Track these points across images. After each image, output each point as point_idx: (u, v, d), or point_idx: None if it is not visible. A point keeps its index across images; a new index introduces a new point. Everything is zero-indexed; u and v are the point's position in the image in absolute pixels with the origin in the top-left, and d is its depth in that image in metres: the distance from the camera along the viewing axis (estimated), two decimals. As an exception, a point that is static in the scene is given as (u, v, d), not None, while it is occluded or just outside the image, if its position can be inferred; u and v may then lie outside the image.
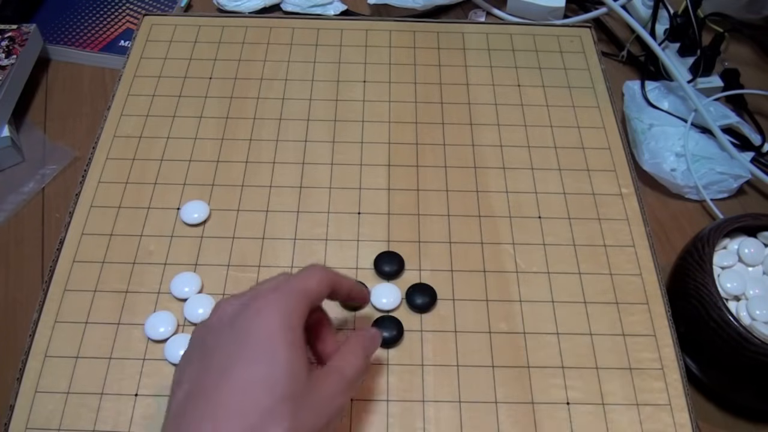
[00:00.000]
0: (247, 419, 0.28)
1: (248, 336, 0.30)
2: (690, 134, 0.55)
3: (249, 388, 0.29)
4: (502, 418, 0.38)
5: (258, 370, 0.29)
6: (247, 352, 0.30)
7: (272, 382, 0.29)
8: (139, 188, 0.48)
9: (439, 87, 0.55)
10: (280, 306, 0.31)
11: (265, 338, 0.30)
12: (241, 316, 0.31)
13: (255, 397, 0.29)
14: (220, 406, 0.28)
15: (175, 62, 0.56)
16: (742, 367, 0.39)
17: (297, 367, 0.30)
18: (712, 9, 0.64)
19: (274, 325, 0.30)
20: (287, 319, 0.31)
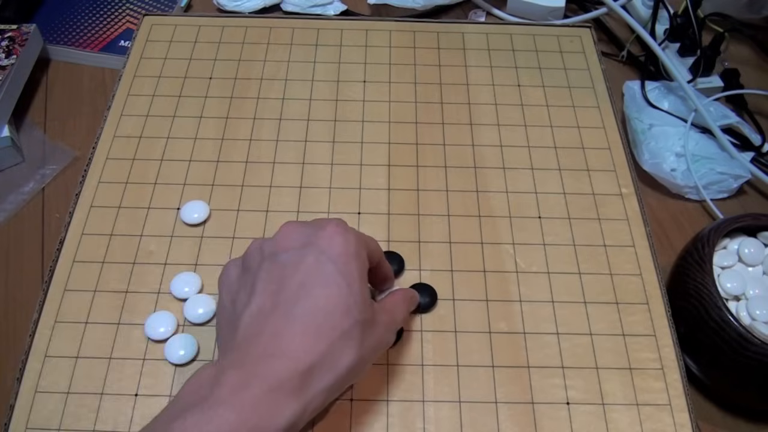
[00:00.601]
0: (325, 338, 0.30)
1: (323, 258, 0.31)
2: (690, 134, 0.55)
3: (328, 308, 0.30)
4: (502, 418, 0.38)
5: (336, 293, 0.31)
6: (325, 274, 0.31)
7: (349, 305, 0.31)
8: (139, 188, 0.48)
9: (439, 87, 0.55)
10: (349, 237, 0.32)
11: (342, 263, 0.31)
12: (314, 238, 0.32)
13: (333, 318, 0.30)
14: (300, 323, 0.30)
15: (175, 62, 0.56)
16: (742, 367, 0.39)
17: (367, 296, 0.32)
18: (712, 9, 0.64)
19: (350, 252, 0.32)
20: (358, 249, 0.32)
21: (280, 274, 0.31)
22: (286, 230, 0.34)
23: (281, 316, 0.30)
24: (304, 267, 0.31)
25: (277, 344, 0.29)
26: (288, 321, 0.30)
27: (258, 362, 0.29)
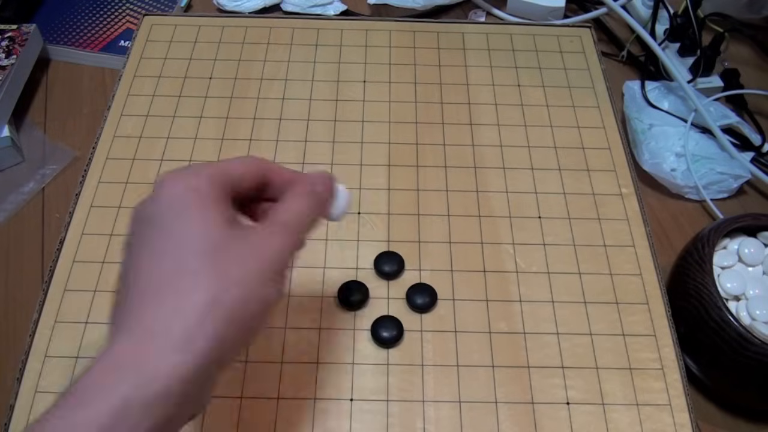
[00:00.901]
0: (171, 297, 0.25)
1: (154, 214, 0.27)
2: (690, 134, 0.55)
3: (161, 262, 0.26)
4: (502, 418, 0.38)
5: (166, 240, 0.27)
6: (155, 228, 0.27)
7: (182, 243, 0.26)
8: (139, 188, 0.48)
9: (439, 87, 0.55)
10: (185, 178, 0.28)
11: (167, 206, 0.27)
12: (148, 200, 0.28)
13: (167, 268, 0.26)
14: (148, 294, 0.26)
15: (175, 62, 0.56)
16: (742, 367, 0.39)
17: (211, 221, 0.27)
18: (712, 9, 0.64)
19: (178, 190, 0.28)
20: (194, 185, 0.28)
21: (127, 253, 0.28)
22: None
23: (136, 293, 0.26)
24: (140, 233, 0.28)
25: (138, 322, 0.26)
26: (138, 297, 0.26)
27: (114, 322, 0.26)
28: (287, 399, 0.39)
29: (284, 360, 0.40)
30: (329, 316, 0.42)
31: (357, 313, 0.42)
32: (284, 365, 0.40)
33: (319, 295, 0.43)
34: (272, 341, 0.41)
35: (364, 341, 0.41)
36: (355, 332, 0.41)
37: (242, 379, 0.39)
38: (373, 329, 0.41)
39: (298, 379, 0.39)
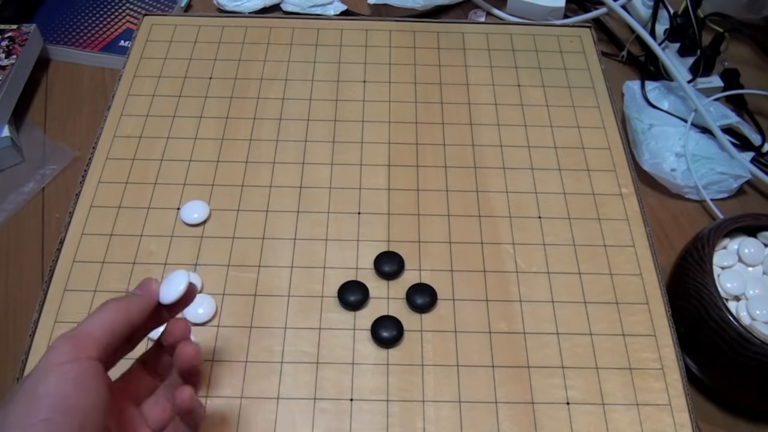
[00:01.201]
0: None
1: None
2: (690, 134, 0.55)
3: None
4: (502, 418, 0.38)
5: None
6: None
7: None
8: (139, 188, 0.48)
9: (439, 87, 0.55)
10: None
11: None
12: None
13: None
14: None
15: (175, 62, 0.56)
16: (742, 367, 0.39)
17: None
18: (712, 9, 0.64)
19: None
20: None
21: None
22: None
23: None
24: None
25: None
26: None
27: None
28: (287, 399, 0.39)
29: (284, 360, 0.40)
30: (329, 316, 0.42)
31: (357, 313, 0.42)
32: (284, 365, 0.40)
33: (319, 295, 0.43)
34: (272, 341, 0.41)
35: (364, 341, 0.41)
36: (355, 332, 0.41)
37: (242, 379, 0.39)
38: (373, 329, 0.41)
39: (298, 379, 0.39)
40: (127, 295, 0.32)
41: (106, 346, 0.30)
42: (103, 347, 0.29)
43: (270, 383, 0.39)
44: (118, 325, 0.31)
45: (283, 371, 0.40)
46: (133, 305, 0.32)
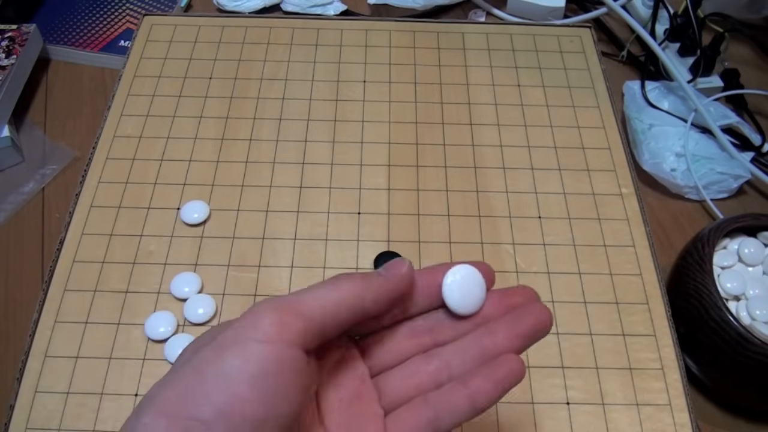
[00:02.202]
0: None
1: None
2: (690, 134, 0.55)
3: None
4: (502, 418, 0.38)
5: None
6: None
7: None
8: (139, 188, 0.48)
9: (439, 87, 0.55)
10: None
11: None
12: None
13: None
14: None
15: (175, 62, 0.56)
16: (742, 367, 0.39)
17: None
18: (712, 9, 0.64)
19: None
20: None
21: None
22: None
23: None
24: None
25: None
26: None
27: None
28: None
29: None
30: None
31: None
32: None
33: (319, 295, 0.43)
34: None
35: (364, 341, 0.41)
36: (355, 332, 0.41)
37: (242, 379, 0.39)
38: (373, 329, 0.41)
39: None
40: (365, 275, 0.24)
41: (317, 331, 0.22)
42: (314, 332, 0.22)
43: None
44: (344, 308, 0.23)
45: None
46: (370, 286, 0.24)
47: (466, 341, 0.25)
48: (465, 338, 0.25)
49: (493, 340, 0.25)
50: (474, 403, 0.23)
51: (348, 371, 0.25)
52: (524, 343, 0.25)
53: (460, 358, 0.25)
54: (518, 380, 0.24)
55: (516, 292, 0.26)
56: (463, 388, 0.24)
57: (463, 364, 0.25)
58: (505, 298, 0.26)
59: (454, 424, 0.24)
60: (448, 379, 0.25)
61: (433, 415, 0.23)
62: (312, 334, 0.22)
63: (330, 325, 0.23)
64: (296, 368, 0.21)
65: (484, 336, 0.25)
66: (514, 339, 0.25)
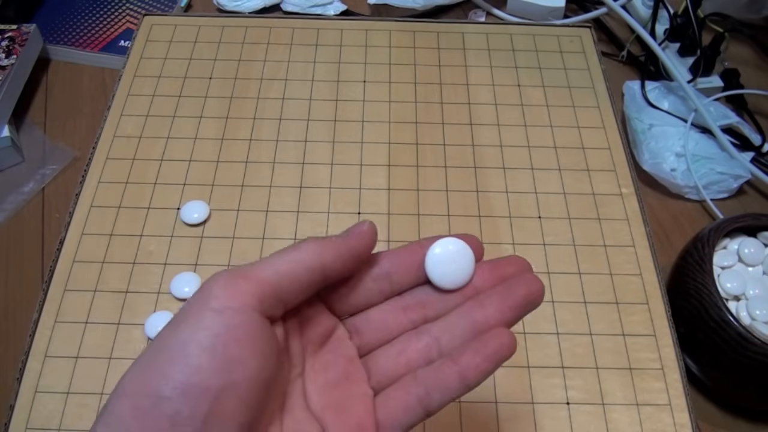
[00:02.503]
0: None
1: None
2: (690, 134, 0.55)
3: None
4: (502, 418, 0.38)
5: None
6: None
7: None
8: (139, 188, 0.48)
9: (439, 87, 0.55)
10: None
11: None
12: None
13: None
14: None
15: (175, 62, 0.56)
16: (742, 367, 0.39)
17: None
18: (712, 9, 0.64)
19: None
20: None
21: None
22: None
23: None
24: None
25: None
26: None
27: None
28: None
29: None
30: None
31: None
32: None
33: (319, 295, 0.43)
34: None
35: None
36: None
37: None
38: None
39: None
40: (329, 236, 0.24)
41: (274, 294, 0.22)
42: (270, 295, 0.22)
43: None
44: (301, 268, 0.22)
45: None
46: (328, 246, 0.23)
47: (455, 315, 0.25)
48: (455, 312, 0.25)
49: (484, 312, 0.24)
50: (465, 380, 0.23)
51: (335, 352, 0.24)
52: (516, 315, 0.24)
53: (449, 333, 0.24)
54: (509, 354, 0.23)
55: (508, 262, 0.26)
56: (453, 365, 0.23)
57: (453, 339, 0.24)
58: (497, 268, 0.26)
59: (446, 401, 0.23)
60: (438, 355, 0.24)
61: (424, 392, 0.23)
62: (269, 297, 0.21)
63: (288, 288, 0.22)
64: (254, 334, 0.21)
65: (474, 309, 0.25)
66: (506, 311, 0.24)
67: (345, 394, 0.23)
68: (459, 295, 0.25)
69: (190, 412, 0.19)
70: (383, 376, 0.24)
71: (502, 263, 0.26)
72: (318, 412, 0.23)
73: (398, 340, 0.25)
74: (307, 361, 0.24)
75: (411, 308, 0.26)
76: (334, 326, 0.25)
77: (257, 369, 0.20)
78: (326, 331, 0.25)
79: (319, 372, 0.24)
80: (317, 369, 0.24)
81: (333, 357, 0.24)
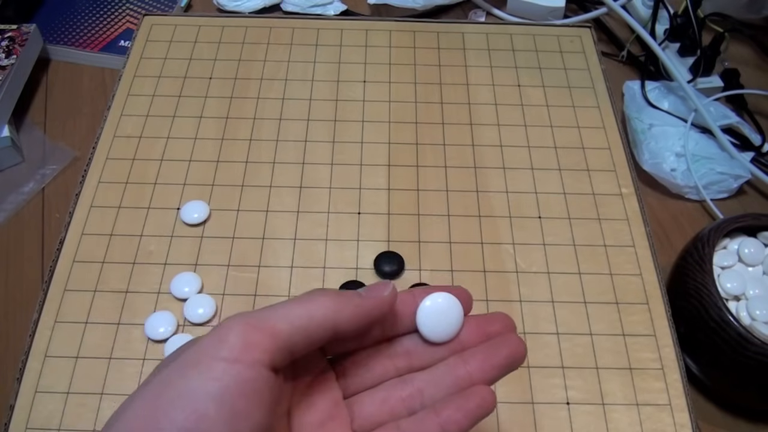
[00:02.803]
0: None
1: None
2: (690, 134, 0.55)
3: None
4: (502, 418, 0.38)
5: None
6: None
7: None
8: (139, 188, 0.48)
9: (439, 87, 0.55)
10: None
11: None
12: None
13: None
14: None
15: (175, 62, 0.56)
16: (742, 367, 0.39)
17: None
18: (712, 9, 0.64)
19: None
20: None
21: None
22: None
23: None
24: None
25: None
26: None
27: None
28: (287, 399, 0.39)
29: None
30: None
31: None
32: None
33: (319, 295, 0.43)
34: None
35: (364, 341, 0.41)
36: (355, 332, 0.41)
37: (242, 379, 0.39)
38: (373, 329, 0.41)
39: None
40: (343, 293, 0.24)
41: (286, 348, 0.22)
42: (282, 349, 0.22)
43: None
44: (315, 324, 0.22)
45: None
46: (346, 306, 0.23)
47: (440, 369, 0.25)
48: (440, 366, 0.26)
49: (468, 369, 0.25)
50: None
51: (321, 393, 0.25)
52: (497, 374, 0.25)
53: (433, 386, 0.25)
54: (488, 411, 0.24)
55: (494, 319, 0.27)
56: (435, 417, 0.24)
57: (436, 392, 0.25)
58: (483, 325, 0.26)
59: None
60: (421, 407, 0.25)
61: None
62: (281, 351, 0.22)
63: (300, 344, 0.22)
64: (262, 387, 0.21)
65: (458, 365, 0.25)
66: (488, 369, 0.25)
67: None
68: (445, 349, 0.26)
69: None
70: (366, 420, 0.25)
71: (488, 320, 0.27)
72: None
73: (383, 386, 0.25)
74: (294, 398, 0.24)
75: (399, 355, 0.26)
76: (324, 368, 0.26)
77: (263, 422, 0.21)
78: (316, 373, 0.25)
79: (305, 411, 0.24)
80: (302, 408, 0.24)
81: (319, 397, 0.25)
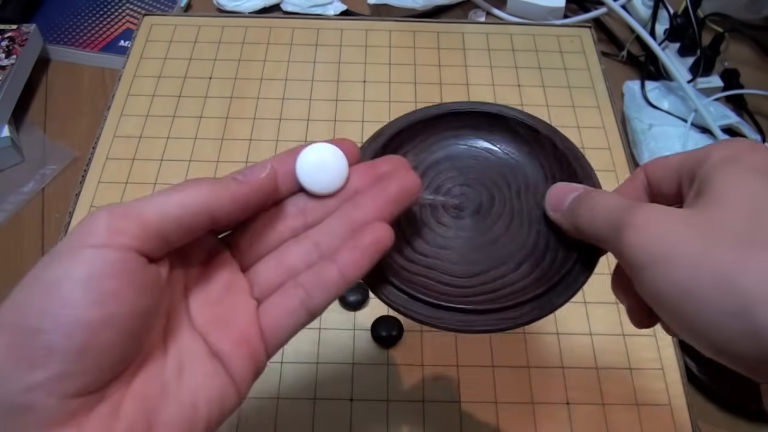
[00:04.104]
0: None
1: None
2: (690, 134, 0.55)
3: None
4: (502, 418, 0.38)
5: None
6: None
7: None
8: (139, 188, 0.48)
9: (439, 87, 0.55)
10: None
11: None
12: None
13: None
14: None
15: (175, 62, 0.56)
16: (742, 367, 0.39)
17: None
18: (712, 9, 0.64)
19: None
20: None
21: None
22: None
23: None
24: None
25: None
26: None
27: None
28: (287, 399, 0.39)
29: (284, 360, 0.40)
30: (329, 316, 0.42)
31: (357, 313, 0.42)
32: (284, 365, 0.40)
33: (319, 295, 0.43)
34: (272, 341, 0.41)
35: (364, 341, 0.41)
36: (355, 332, 0.41)
37: (242, 379, 0.39)
38: (373, 329, 0.41)
39: (298, 379, 0.39)
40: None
41: (157, 236, 0.21)
42: (152, 237, 0.21)
43: (270, 383, 0.39)
44: (189, 214, 0.22)
45: (282, 371, 0.40)
46: (220, 193, 0.22)
47: (334, 218, 0.25)
48: (333, 215, 0.25)
49: (361, 211, 0.24)
50: (344, 276, 0.23)
51: (217, 269, 0.24)
52: (393, 209, 0.24)
53: (329, 236, 0.24)
54: (386, 246, 0.23)
55: (383, 162, 0.26)
56: (331, 263, 0.23)
57: (332, 241, 0.24)
58: (372, 168, 0.26)
59: (328, 299, 0.23)
60: (319, 259, 0.24)
61: (305, 294, 0.23)
62: (151, 239, 0.21)
63: (175, 232, 0.22)
64: (133, 268, 0.20)
65: (351, 209, 0.25)
66: (381, 207, 0.24)
67: (228, 307, 0.23)
68: (337, 199, 0.25)
69: (65, 344, 0.19)
70: (265, 285, 0.24)
71: (377, 163, 0.26)
72: (202, 328, 0.23)
73: (279, 249, 0.25)
74: (189, 283, 0.24)
75: (291, 217, 0.25)
76: (217, 246, 0.25)
77: (134, 301, 0.20)
78: (209, 251, 0.25)
79: (201, 290, 0.24)
80: (199, 287, 0.24)
81: (214, 274, 0.24)
